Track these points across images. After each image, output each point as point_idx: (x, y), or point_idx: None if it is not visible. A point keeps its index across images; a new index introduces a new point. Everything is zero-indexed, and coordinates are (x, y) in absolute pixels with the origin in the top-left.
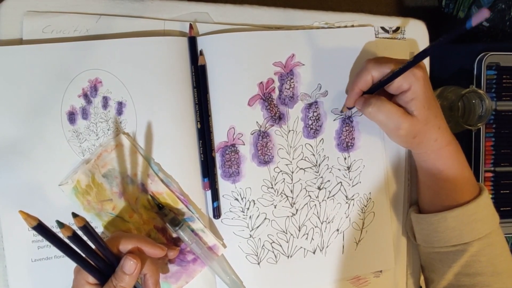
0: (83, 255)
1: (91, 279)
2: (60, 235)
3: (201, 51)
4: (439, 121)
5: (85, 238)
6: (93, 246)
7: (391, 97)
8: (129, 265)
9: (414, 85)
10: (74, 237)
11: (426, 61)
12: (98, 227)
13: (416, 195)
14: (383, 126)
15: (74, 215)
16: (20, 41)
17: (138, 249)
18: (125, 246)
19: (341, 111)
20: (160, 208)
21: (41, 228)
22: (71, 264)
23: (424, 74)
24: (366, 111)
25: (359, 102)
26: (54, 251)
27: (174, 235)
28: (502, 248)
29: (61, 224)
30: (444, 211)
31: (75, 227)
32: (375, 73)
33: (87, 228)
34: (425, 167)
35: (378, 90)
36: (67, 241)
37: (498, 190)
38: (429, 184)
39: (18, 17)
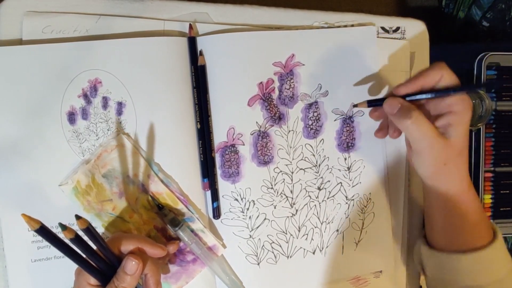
0: (85, 257)
1: (93, 280)
2: (61, 235)
3: (200, 51)
4: (467, 164)
5: (86, 239)
6: (94, 247)
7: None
8: (131, 265)
9: (464, 111)
10: (76, 239)
11: (426, 61)
12: (98, 227)
13: (425, 227)
14: (415, 143)
15: (77, 217)
16: (20, 41)
17: (139, 249)
18: (126, 246)
19: (355, 105)
20: (160, 208)
21: (43, 231)
22: (71, 265)
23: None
24: (403, 122)
25: (394, 106)
26: (54, 251)
27: (174, 235)
28: None
29: (63, 227)
30: (459, 253)
31: (76, 228)
32: (446, 77)
33: (89, 230)
34: (444, 209)
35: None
36: (69, 243)
37: (498, 190)
38: (444, 225)
39: (18, 17)
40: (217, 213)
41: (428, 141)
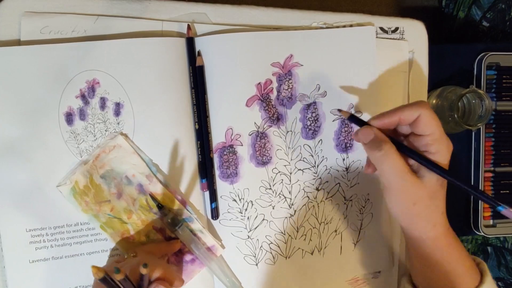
0: None
1: None
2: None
3: (199, 52)
4: (441, 209)
5: None
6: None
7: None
8: None
9: (441, 153)
10: (126, 277)
11: (425, 62)
12: (96, 228)
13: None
14: (384, 176)
15: (94, 268)
16: (17, 42)
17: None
18: (153, 274)
19: (339, 110)
20: (159, 207)
21: (106, 280)
22: (68, 266)
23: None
24: (374, 153)
25: (367, 136)
26: (52, 252)
27: (173, 235)
28: None
29: (117, 270)
30: None
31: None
32: (424, 118)
33: (106, 279)
34: (420, 255)
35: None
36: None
37: (498, 190)
38: (422, 270)
39: (15, 17)
40: (215, 214)
41: (397, 177)
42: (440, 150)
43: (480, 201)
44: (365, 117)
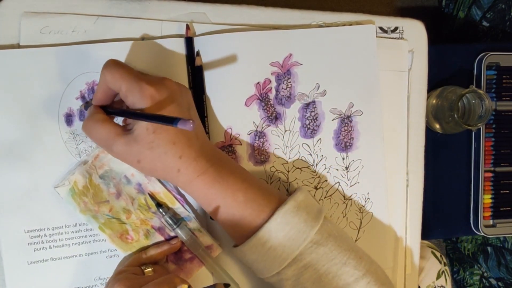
0: None
1: None
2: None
3: (198, 52)
4: (181, 150)
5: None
6: None
7: None
8: None
9: (141, 101)
10: None
11: (425, 62)
12: (94, 229)
13: None
14: (99, 145)
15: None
16: (17, 42)
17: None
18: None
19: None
20: (158, 206)
21: None
22: (67, 267)
23: (156, 93)
24: (82, 126)
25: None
26: (51, 253)
27: (172, 234)
28: (326, 264)
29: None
30: (241, 245)
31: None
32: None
33: None
34: (197, 202)
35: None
36: None
37: (498, 190)
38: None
39: (15, 17)
40: None
41: (106, 143)
42: (135, 99)
43: (480, 201)
44: (365, 117)
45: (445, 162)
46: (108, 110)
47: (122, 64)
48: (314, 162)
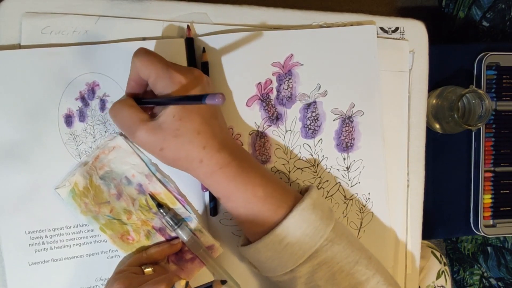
0: None
1: None
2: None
3: (204, 49)
4: (200, 142)
5: None
6: None
7: None
8: None
9: (170, 88)
10: None
11: (425, 62)
12: (95, 230)
13: None
14: (123, 132)
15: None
16: (18, 42)
17: None
18: None
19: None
20: (159, 207)
21: None
22: (68, 268)
23: (185, 80)
24: (110, 109)
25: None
26: (51, 254)
27: (173, 234)
28: (340, 262)
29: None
30: (255, 242)
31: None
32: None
33: None
34: (215, 195)
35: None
36: None
37: (498, 190)
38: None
39: (16, 18)
40: (213, 212)
41: (129, 129)
42: (165, 85)
43: (480, 201)
44: (366, 117)
45: (445, 162)
46: (139, 100)
47: (152, 52)
48: (315, 162)
